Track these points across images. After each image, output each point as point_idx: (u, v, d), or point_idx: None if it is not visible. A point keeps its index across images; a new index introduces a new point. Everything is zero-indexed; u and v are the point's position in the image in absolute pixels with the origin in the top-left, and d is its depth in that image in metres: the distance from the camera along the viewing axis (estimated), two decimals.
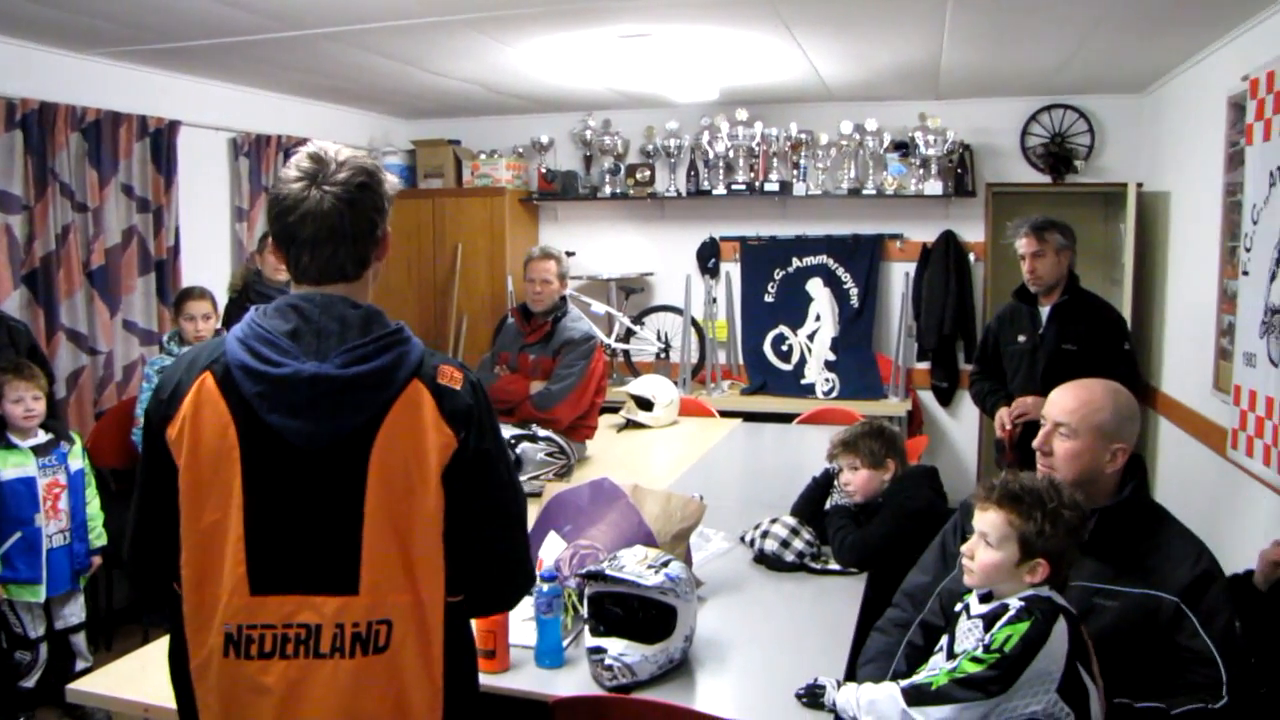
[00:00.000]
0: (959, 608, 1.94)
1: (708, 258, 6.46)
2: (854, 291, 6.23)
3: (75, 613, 3.78)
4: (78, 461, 3.77)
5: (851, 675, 2.16)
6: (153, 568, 1.60)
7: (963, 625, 1.88)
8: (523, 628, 2.30)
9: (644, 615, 2.13)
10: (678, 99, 5.86)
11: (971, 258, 6.08)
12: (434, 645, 1.58)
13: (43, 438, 3.65)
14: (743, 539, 3.01)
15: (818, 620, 2.52)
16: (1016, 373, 3.94)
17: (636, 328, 6.47)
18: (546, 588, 2.19)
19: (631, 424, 5.08)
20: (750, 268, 6.44)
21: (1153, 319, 5.34)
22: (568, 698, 2.03)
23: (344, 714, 1.53)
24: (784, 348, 6.35)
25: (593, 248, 6.68)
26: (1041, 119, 5.92)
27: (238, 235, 5.44)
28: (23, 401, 3.55)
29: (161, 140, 4.81)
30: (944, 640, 1.93)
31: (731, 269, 6.49)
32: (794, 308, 6.32)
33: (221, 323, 4.51)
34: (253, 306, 1.59)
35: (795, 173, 6.13)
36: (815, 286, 6.26)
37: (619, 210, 6.68)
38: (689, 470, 4.13)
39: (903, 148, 5.97)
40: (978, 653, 1.75)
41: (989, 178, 6.05)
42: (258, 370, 1.49)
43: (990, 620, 1.80)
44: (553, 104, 6.25)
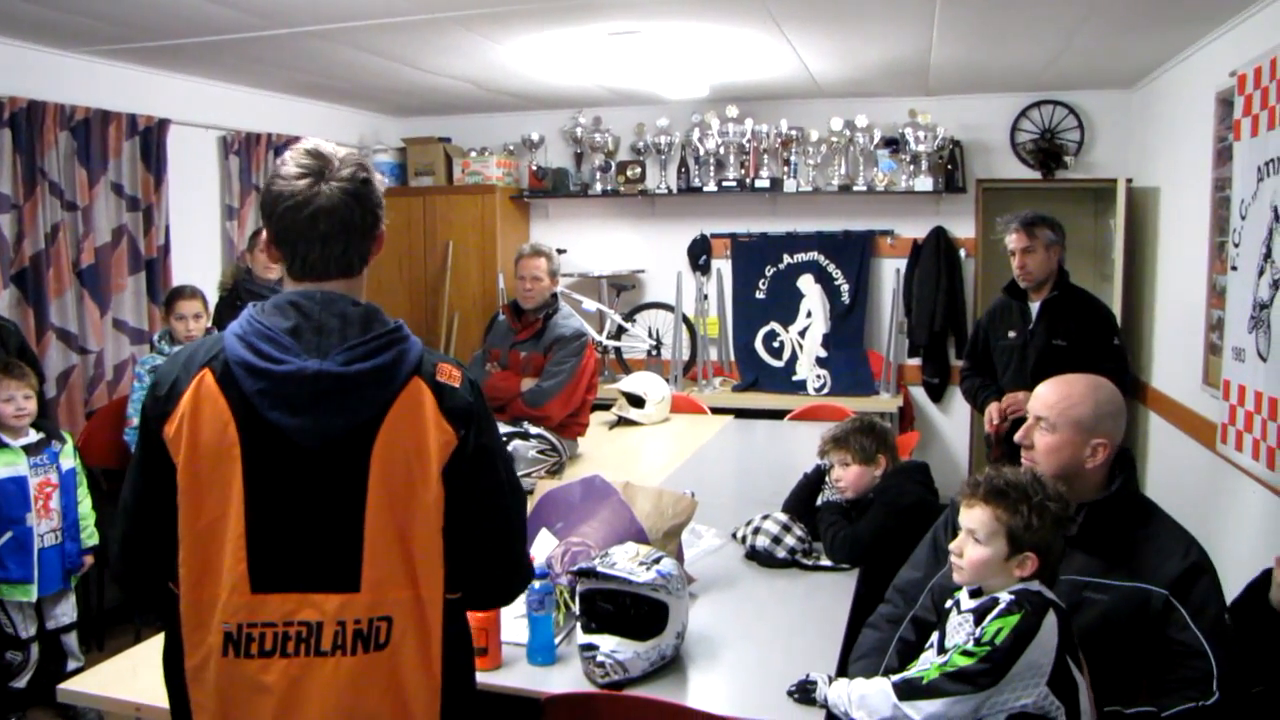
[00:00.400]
0: (949, 603, 1.95)
1: (699, 254, 6.46)
2: (845, 288, 6.24)
3: (67, 613, 3.77)
4: (69, 461, 3.76)
5: (843, 671, 2.17)
6: (145, 567, 1.59)
7: (953, 620, 1.89)
8: (514, 625, 2.30)
9: (636, 612, 2.14)
10: (668, 96, 5.86)
11: (962, 253, 6.09)
12: (433, 642, 1.58)
13: (34, 437, 3.65)
14: (734, 535, 3.02)
15: (810, 616, 2.53)
16: (1007, 368, 3.96)
17: (628, 325, 6.47)
18: (538, 585, 2.19)
19: (623, 421, 5.08)
20: (741, 264, 6.44)
21: (1142, 314, 5.36)
22: (560, 695, 2.03)
23: (344, 712, 1.52)
24: (775, 344, 6.36)
25: (584, 245, 6.68)
26: (1031, 115, 5.93)
27: (228, 234, 5.42)
28: (13, 400, 3.54)
29: (151, 139, 4.80)
30: (935, 636, 1.94)
31: (723, 266, 6.49)
32: (785, 304, 6.32)
33: (212, 321, 4.50)
34: (250, 304, 1.57)
35: (786, 169, 6.14)
36: (806, 283, 6.27)
37: (610, 207, 6.68)
38: (681, 467, 4.14)
39: (893, 144, 5.97)
40: (968, 646, 1.76)
41: (979, 173, 6.06)
42: (259, 367, 1.48)
43: (980, 614, 1.81)
44: (543, 101, 6.24)
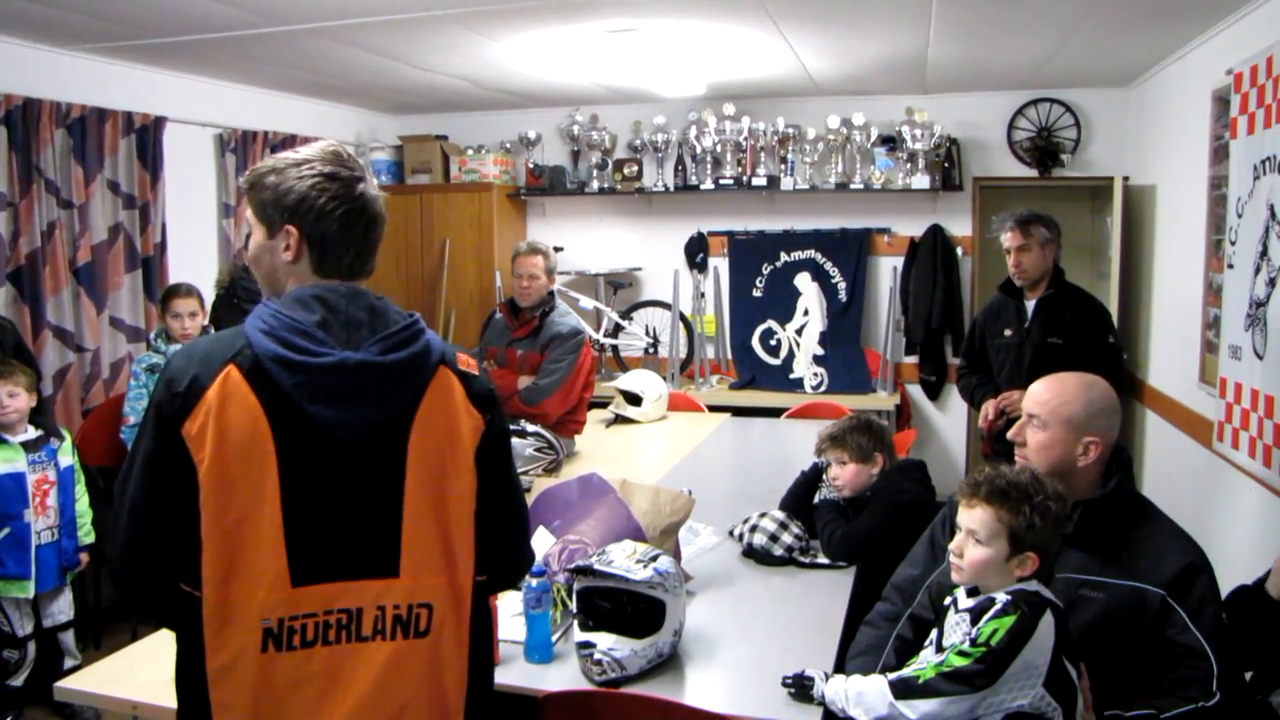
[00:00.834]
0: (947, 601, 1.95)
1: (696, 252, 6.46)
2: (842, 286, 6.25)
3: (64, 610, 3.77)
4: (67, 458, 3.76)
5: (841, 669, 2.17)
6: (154, 570, 1.52)
7: (950, 619, 1.89)
8: (512, 623, 2.30)
9: (633, 610, 2.14)
10: (665, 94, 5.86)
11: (959, 252, 6.09)
12: (465, 626, 1.61)
13: (33, 434, 3.65)
14: (731, 533, 3.02)
15: (807, 614, 2.53)
16: (1003, 367, 3.96)
17: (625, 323, 6.47)
18: (535, 583, 2.19)
19: (620, 419, 5.08)
20: (738, 262, 6.45)
21: (1139, 312, 5.37)
22: (557, 693, 2.04)
23: (383, 697, 1.52)
24: (772, 342, 6.36)
25: (581, 243, 6.67)
26: (1028, 113, 5.94)
27: (225, 232, 5.42)
28: None
29: (147, 136, 4.79)
30: (934, 633, 1.94)
31: (719, 264, 6.49)
32: (782, 302, 6.33)
33: (209, 319, 4.49)
34: (262, 301, 1.56)
35: (783, 167, 6.14)
36: (803, 281, 6.27)
37: (607, 205, 6.68)
38: (678, 465, 4.14)
39: (890, 142, 5.98)
40: (964, 646, 1.76)
41: (976, 172, 6.06)
42: (295, 361, 1.47)
43: (977, 614, 1.81)
44: (540, 99, 6.24)
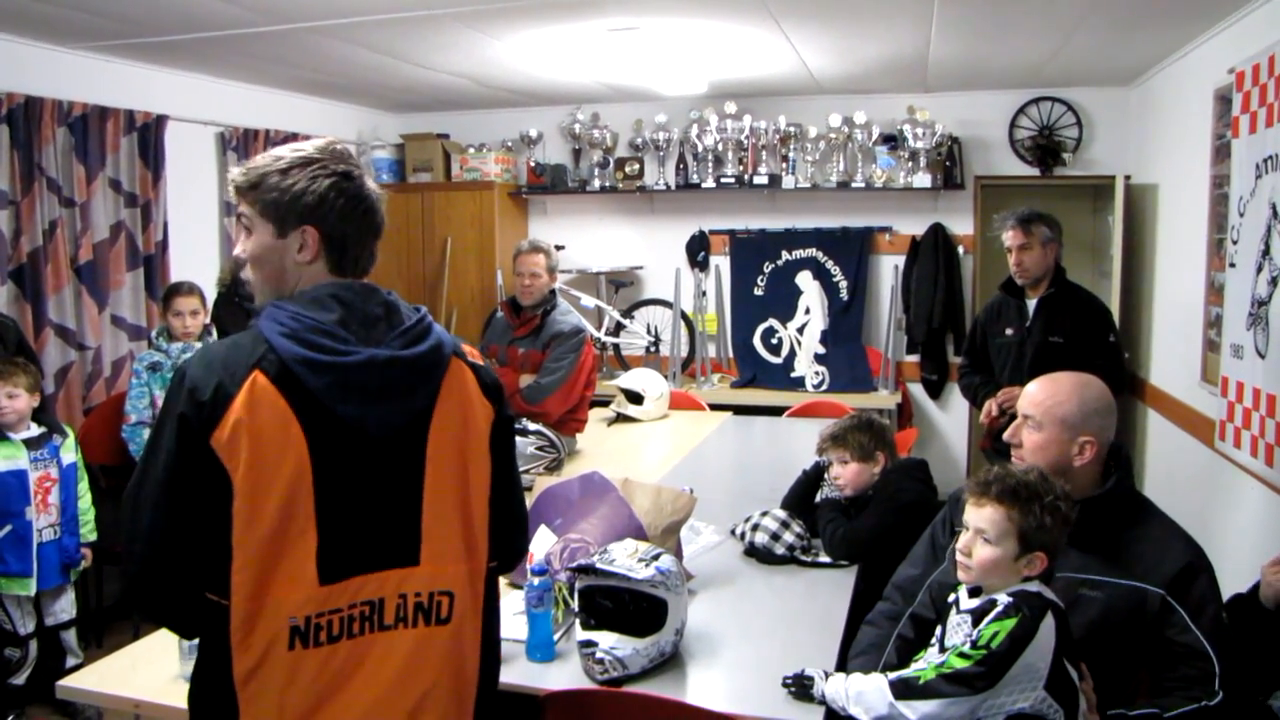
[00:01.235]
0: (951, 599, 1.94)
1: (697, 251, 6.45)
2: (843, 284, 6.24)
3: (66, 609, 3.77)
4: (70, 455, 3.76)
5: (842, 668, 2.16)
6: (175, 584, 1.48)
7: (952, 619, 1.88)
8: (514, 621, 2.30)
9: (635, 609, 2.14)
10: (666, 92, 5.85)
11: (960, 250, 6.09)
12: (480, 611, 1.64)
13: (35, 431, 3.65)
14: (733, 532, 3.02)
15: (808, 613, 2.53)
16: (1004, 366, 3.96)
17: (626, 321, 6.47)
18: (537, 581, 2.19)
19: (622, 418, 5.08)
20: (740, 261, 6.44)
21: (1141, 311, 5.36)
22: (559, 691, 2.03)
23: (405, 683, 1.54)
24: (774, 341, 6.36)
25: (582, 241, 6.67)
26: (1029, 112, 5.93)
27: (226, 230, 5.42)
28: None
29: (149, 134, 4.79)
30: (938, 632, 1.93)
31: (721, 262, 6.48)
32: (783, 301, 6.32)
33: (210, 318, 4.49)
34: (272, 303, 1.54)
35: (784, 166, 6.13)
36: (805, 279, 6.27)
37: (608, 204, 6.68)
38: (679, 463, 4.14)
39: (891, 140, 5.98)
40: (965, 648, 1.75)
41: (977, 170, 6.06)
42: (324, 362, 1.46)
43: (978, 616, 1.80)
44: (541, 97, 6.24)
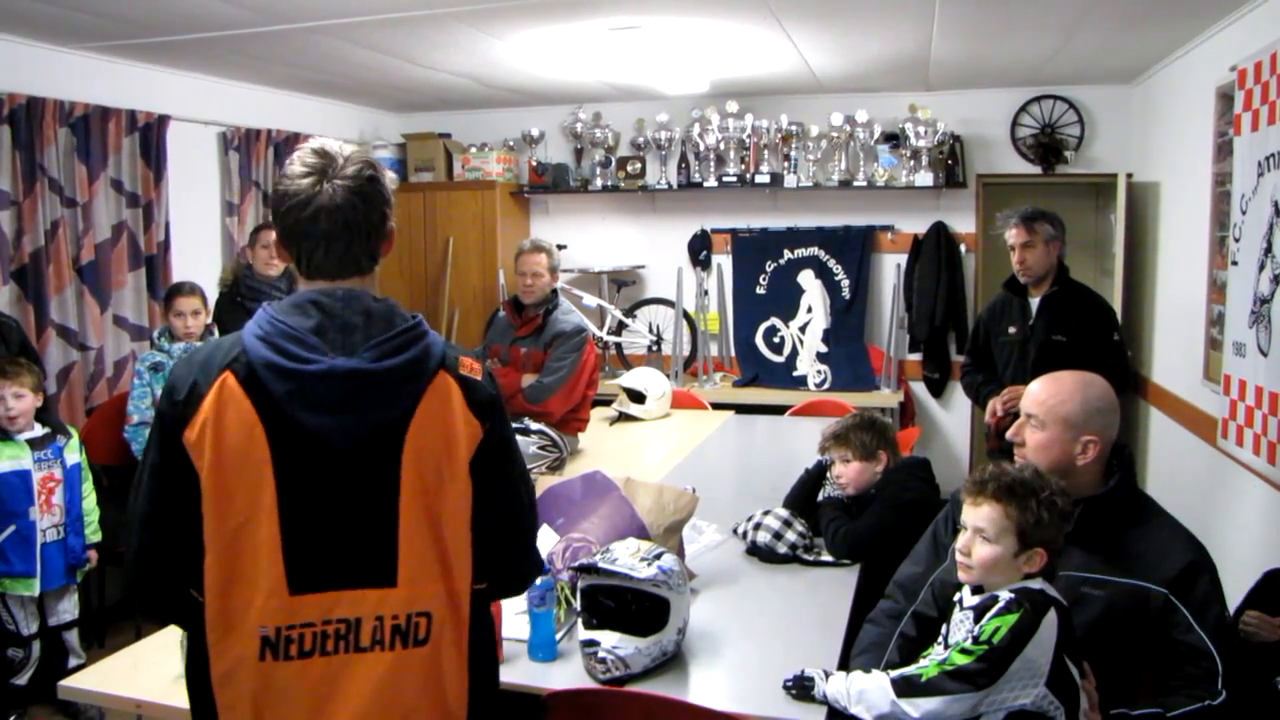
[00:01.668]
0: (957, 597, 1.94)
1: (699, 250, 6.44)
2: (845, 283, 6.24)
3: (69, 609, 3.77)
4: (74, 456, 3.76)
5: (844, 666, 2.16)
6: (164, 577, 1.54)
7: (956, 616, 1.89)
8: (516, 621, 2.30)
9: (637, 608, 2.14)
10: (668, 91, 5.84)
11: (962, 249, 6.08)
12: (464, 635, 1.60)
13: (39, 431, 3.65)
14: (735, 531, 3.02)
15: (811, 612, 2.53)
16: (1007, 364, 3.95)
17: (628, 320, 6.47)
18: (539, 581, 2.19)
19: (624, 417, 5.08)
20: (742, 260, 6.44)
21: (1143, 309, 5.36)
22: (561, 691, 2.03)
23: (382, 707, 1.52)
24: (776, 340, 6.36)
25: (584, 240, 6.67)
26: (1031, 110, 5.93)
27: (228, 230, 5.42)
28: (3, 400, 3.53)
29: (151, 135, 4.79)
30: (943, 630, 1.94)
31: (723, 261, 6.47)
32: (786, 299, 6.32)
33: (213, 318, 4.49)
34: (264, 304, 1.56)
35: (786, 165, 6.13)
36: (807, 278, 6.26)
37: (610, 203, 6.68)
38: (681, 463, 4.13)
39: (893, 139, 5.97)
40: (966, 644, 1.76)
41: (979, 169, 6.05)
42: (287, 368, 1.46)
43: (980, 612, 1.80)
44: (543, 97, 6.23)
